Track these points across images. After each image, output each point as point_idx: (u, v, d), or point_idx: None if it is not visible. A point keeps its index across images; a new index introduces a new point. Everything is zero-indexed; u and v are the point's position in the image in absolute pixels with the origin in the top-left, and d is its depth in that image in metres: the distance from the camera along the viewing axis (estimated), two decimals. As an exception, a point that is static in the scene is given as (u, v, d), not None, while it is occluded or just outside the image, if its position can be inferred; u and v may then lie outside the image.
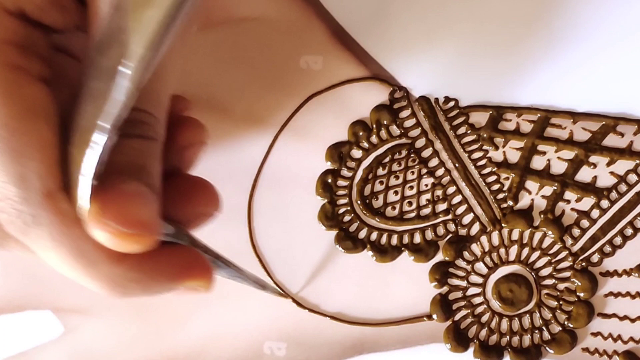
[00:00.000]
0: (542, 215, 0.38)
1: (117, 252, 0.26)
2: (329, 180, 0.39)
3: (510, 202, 0.38)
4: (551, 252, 0.38)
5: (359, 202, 0.39)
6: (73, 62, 0.29)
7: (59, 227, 0.25)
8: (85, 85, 0.25)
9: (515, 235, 0.38)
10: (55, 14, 0.26)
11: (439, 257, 0.38)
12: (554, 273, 0.38)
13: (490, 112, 0.38)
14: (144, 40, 0.23)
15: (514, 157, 0.38)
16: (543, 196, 0.38)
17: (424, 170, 0.39)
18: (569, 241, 0.38)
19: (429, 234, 0.38)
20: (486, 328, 0.38)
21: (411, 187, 0.39)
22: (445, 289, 0.38)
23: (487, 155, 0.38)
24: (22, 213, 0.25)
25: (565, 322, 0.37)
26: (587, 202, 0.38)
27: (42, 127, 0.25)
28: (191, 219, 0.30)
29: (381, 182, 0.39)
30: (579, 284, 0.37)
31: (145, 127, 0.27)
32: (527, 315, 0.37)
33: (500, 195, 0.38)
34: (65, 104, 0.26)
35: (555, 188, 0.38)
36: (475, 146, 0.38)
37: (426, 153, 0.39)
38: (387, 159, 0.39)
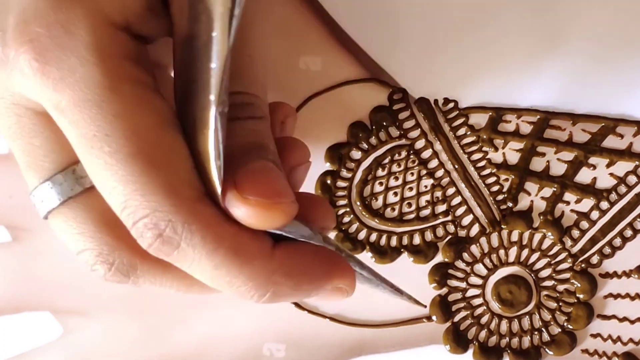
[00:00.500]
0: (541, 217, 0.38)
1: (267, 246, 0.26)
2: (328, 182, 0.39)
3: (510, 204, 0.38)
4: (551, 253, 0.38)
5: (358, 203, 0.39)
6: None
7: (213, 229, 0.25)
8: (179, 84, 0.26)
9: (514, 236, 0.38)
10: (153, 23, 0.27)
11: (439, 258, 0.38)
12: (554, 274, 0.38)
13: (490, 113, 0.38)
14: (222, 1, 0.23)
15: (513, 158, 0.38)
16: (543, 197, 0.38)
17: (424, 172, 0.38)
18: (568, 242, 0.38)
19: (429, 235, 0.38)
20: (486, 329, 0.38)
21: (411, 189, 0.39)
22: (444, 290, 0.38)
23: (487, 157, 0.38)
24: (172, 223, 0.24)
25: (565, 324, 0.37)
26: (587, 204, 0.38)
27: (177, 136, 0.25)
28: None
29: (380, 183, 0.39)
30: (579, 285, 0.37)
31: (253, 108, 0.27)
32: (527, 316, 0.37)
33: (500, 197, 0.38)
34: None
35: (555, 189, 0.38)
36: (474, 147, 0.38)
37: (426, 154, 0.39)
38: (386, 160, 0.39)
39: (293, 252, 0.27)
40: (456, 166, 0.38)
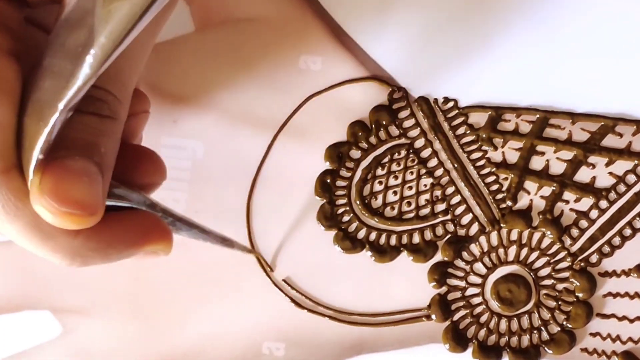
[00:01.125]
0: (541, 216, 0.38)
1: None
2: (328, 181, 0.39)
3: (509, 203, 0.38)
4: (550, 252, 0.38)
5: (358, 202, 0.39)
6: (45, 35, 0.29)
7: (13, 203, 0.26)
8: (47, 60, 0.25)
9: (514, 235, 0.38)
10: None
11: (438, 257, 0.38)
12: (553, 273, 0.38)
13: (490, 112, 0.38)
14: (110, 31, 0.23)
15: (513, 157, 0.38)
16: (542, 196, 0.38)
17: (423, 171, 0.39)
18: (567, 241, 0.38)
19: (428, 234, 0.38)
20: (485, 328, 0.38)
21: (410, 188, 0.39)
22: (444, 289, 0.38)
23: (486, 156, 0.38)
24: None
25: (564, 323, 0.37)
26: (586, 203, 0.38)
27: (2, 104, 0.25)
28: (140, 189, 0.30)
29: (380, 182, 0.39)
30: (578, 284, 0.37)
31: (102, 105, 0.27)
32: (526, 315, 0.37)
33: (499, 196, 0.38)
34: (30, 76, 0.26)
35: (554, 188, 0.38)
36: (474, 146, 0.38)
37: (425, 153, 0.39)
38: (386, 159, 0.39)
39: (102, 226, 0.27)
40: (455, 165, 0.38)
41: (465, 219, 0.38)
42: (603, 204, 0.38)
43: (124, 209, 0.28)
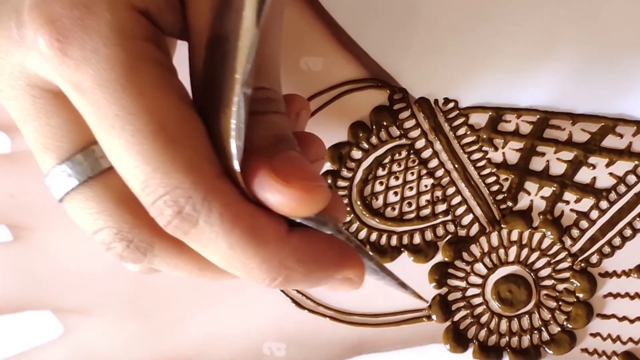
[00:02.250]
0: (541, 216, 0.38)
1: (284, 230, 0.26)
2: (329, 181, 0.39)
3: (510, 203, 0.38)
4: (550, 252, 0.38)
5: (358, 202, 0.39)
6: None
7: (232, 207, 0.25)
8: (203, 75, 0.26)
9: (514, 236, 0.38)
10: (170, 17, 0.27)
11: (439, 257, 0.38)
12: (553, 274, 0.38)
13: (490, 113, 0.38)
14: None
15: (513, 158, 0.38)
16: (542, 197, 0.38)
17: (424, 171, 0.39)
18: (568, 242, 0.38)
19: (429, 235, 0.38)
20: (485, 329, 0.38)
21: (411, 188, 0.39)
22: (444, 289, 0.38)
23: (487, 156, 0.38)
24: (192, 200, 0.24)
25: (565, 323, 0.37)
26: (586, 203, 0.38)
27: (196, 115, 0.25)
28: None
29: (381, 183, 0.39)
30: (578, 284, 0.37)
31: (276, 103, 0.28)
32: (526, 315, 0.38)
33: (500, 196, 0.38)
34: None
35: (555, 189, 0.38)
36: (474, 147, 0.38)
37: (426, 154, 0.39)
38: (386, 160, 0.39)
39: (308, 238, 0.27)
40: (456, 166, 0.38)
41: (466, 220, 0.38)
42: (603, 204, 0.38)
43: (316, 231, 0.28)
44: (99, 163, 0.27)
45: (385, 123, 0.39)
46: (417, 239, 0.38)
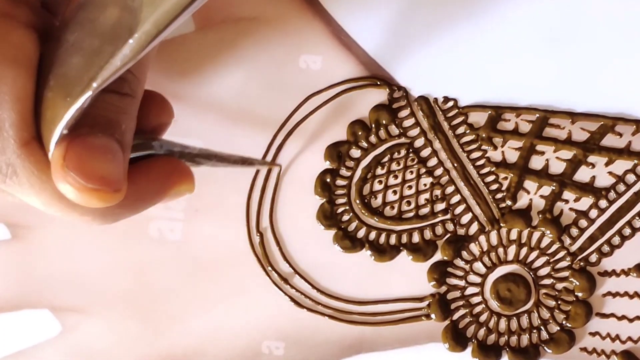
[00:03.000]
0: (540, 215, 0.38)
1: None
2: (328, 180, 0.39)
3: (509, 202, 0.38)
4: (549, 251, 0.38)
5: (357, 201, 0.39)
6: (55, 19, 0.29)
7: (37, 175, 0.26)
8: (73, 35, 0.25)
9: (513, 234, 0.38)
10: None
11: (438, 256, 0.38)
12: (552, 273, 0.38)
13: (489, 112, 0.38)
14: (156, 19, 0.23)
15: (512, 157, 0.38)
16: (541, 196, 0.38)
17: (423, 170, 0.39)
18: (567, 241, 0.38)
19: (428, 234, 0.38)
20: (484, 327, 0.38)
21: (410, 187, 0.39)
22: (443, 288, 0.38)
23: (486, 155, 0.38)
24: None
25: (564, 322, 0.37)
26: (586, 202, 0.38)
27: (21, 75, 0.25)
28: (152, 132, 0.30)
29: (380, 182, 0.39)
30: (577, 283, 0.37)
31: (122, 84, 0.27)
32: (526, 314, 0.37)
33: (499, 195, 0.38)
34: (48, 49, 0.26)
35: (554, 188, 0.38)
36: (474, 146, 0.38)
37: (425, 153, 0.39)
38: (386, 159, 0.39)
39: (127, 180, 0.27)
40: (455, 165, 0.38)
41: (465, 219, 0.38)
42: (602, 203, 0.38)
43: (141, 159, 0.29)
44: None
45: (384, 122, 0.39)
46: (416, 238, 0.38)
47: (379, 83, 0.39)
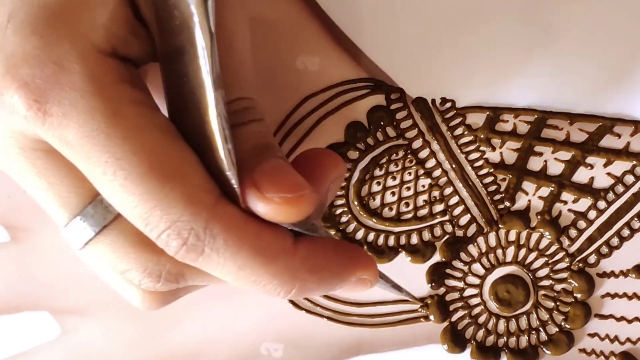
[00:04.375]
0: (539, 216, 0.38)
1: (289, 243, 0.27)
2: (326, 181, 0.39)
3: (507, 203, 0.38)
4: (548, 253, 0.38)
5: (355, 202, 0.39)
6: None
7: (234, 230, 0.25)
8: (174, 91, 0.26)
9: (512, 236, 0.38)
10: (137, 44, 0.27)
11: (436, 258, 0.38)
12: (551, 274, 0.38)
13: (487, 113, 0.38)
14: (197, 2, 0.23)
15: (510, 158, 0.38)
16: (540, 197, 0.38)
17: (421, 171, 0.39)
18: (565, 242, 0.38)
19: (426, 235, 0.38)
20: (483, 329, 0.38)
21: (408, 188, 0.39)
22: (442, 290, 0.38)
23: (484, 156, 0.38)
24: (194, 230, 0.25)
25: (562, 323, 0.37)
26: (584, 203, 0.38)
27: (183, 147, 0.26)
28: (329, 187, 0.30)
29: (378, 183, 0.39)
30: (576, 285, 0.37)
31: (253, 111, 0.28)
32: (524, 316, 0.37)
33: (497, 196, 0.38)
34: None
35: (552, 189, 0.38)
36: (472, 147, 0.38)
37: (423, 154, 0.39)
38: (384, 160, 0.39)
39: (314, 246, 0.27)
40: (453, 166, 0.38)
41: (464, 220, 0.38)
42: (601, 204, 0.38)
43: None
44: (109, 211, 0.27)
45: (382, 123, 0.39)
46: (414, 239, 0.38)
47: (376, 84, 0.39)
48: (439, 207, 0.38)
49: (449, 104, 0.38)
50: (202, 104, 0.24)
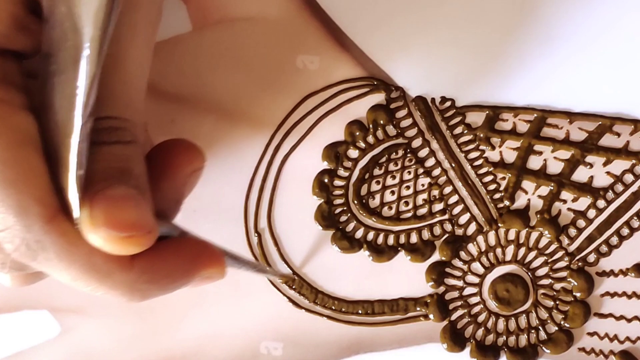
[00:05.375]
0: (538, 215, 0.38)
1: (126, 259, 0.26)
2: (326, 180, 0.39)
3: (507, 202, 0.38)
4: (547, 252, 0.38)
5: (355, 202, 0.39)
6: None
7: (65, 248, 0.25)
8: (48, 97, 0.26)
9: (511, 235, 0.38)
10: (22, 39, 0.26)
11: (436, 257, 0.38)
12: (551, 273, 0.38)
13: (487, 112, 0.38)
14: (93, 20, 0.23)
15: (510, 157, 0.38)
16: (539, 196, 0.38)
17: (421, 170, 0.39)
18: (565, 241, 0.38)
19: (426, 234, 0.38)
20: (483, 328, 0.38)
21: (408, 187, 0.39)
22: (441, 288, 0.38)
23: (484, 155, 0.38)
24: (26, 240, 0.25)
25: (562, 322, 0.37)
26: (584, 202, 0.38)
27: (32, 155, 0.25)
28: (185, 181, 0.30)
29: (378, 182, 0.39)
30: (576, 283, 0.37)
31: (121, 132, 0.27)
32: (524, 315, 0.37)
33: (497, 195, 0.38)
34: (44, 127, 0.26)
35: (552, 188, 0.38)
36: (471, 146, 0.38)
37: (423, 153, 0.39)
38: (383, 159, 0.39)
39: (154, 256, 0.27)
40: (453, 165, 0.38)
41: (463, 219, 0.38)
42: (601, 203, 0.38)
43: (165, 239, 0.28)
44: None
45: (382, 122, 0.39)
46: (414, 238, 0.38)
47: (376, 83, 0.39)
48: (438, 206, 0.38)
49: (448, 103, 0.39)
50: (67, 122, 0.24)
